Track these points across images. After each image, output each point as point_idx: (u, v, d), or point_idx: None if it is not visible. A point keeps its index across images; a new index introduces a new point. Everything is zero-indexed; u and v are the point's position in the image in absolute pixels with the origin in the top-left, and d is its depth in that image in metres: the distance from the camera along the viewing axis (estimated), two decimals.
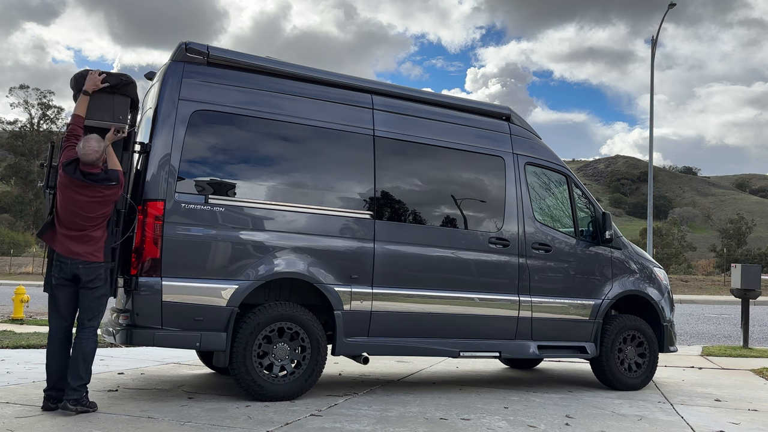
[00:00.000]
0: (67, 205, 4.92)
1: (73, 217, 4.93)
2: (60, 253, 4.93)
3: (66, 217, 4.94)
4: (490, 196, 6.84)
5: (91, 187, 4.92)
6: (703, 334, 14.71)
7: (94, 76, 5.23)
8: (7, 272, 49.88)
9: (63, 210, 4.95)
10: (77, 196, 4.91)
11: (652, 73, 25.65)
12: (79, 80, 5.33)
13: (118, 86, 5.32)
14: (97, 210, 4.97)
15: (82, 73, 5.37)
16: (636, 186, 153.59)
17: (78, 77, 5.37)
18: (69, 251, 4.90)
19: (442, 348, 6.32)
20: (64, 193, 4.93)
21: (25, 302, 13.06)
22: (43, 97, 78.53)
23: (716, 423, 5.49)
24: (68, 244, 4.92)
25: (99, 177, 4.94)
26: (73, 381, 4.84)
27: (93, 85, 5.21)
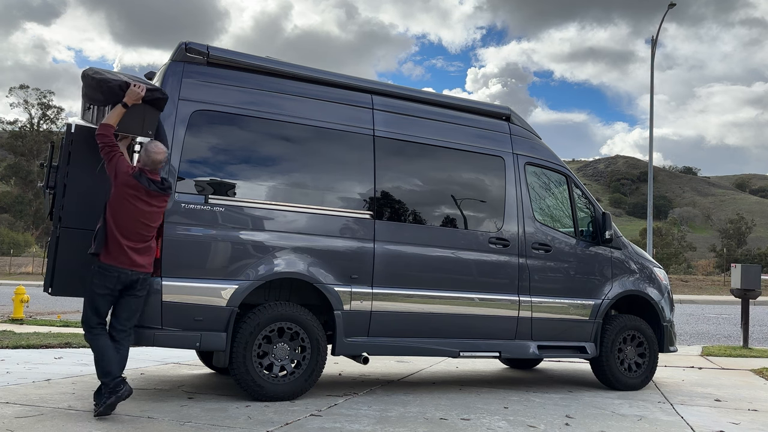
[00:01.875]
0: (134, 216, 4.80)
1: (139, 229, 4.84)
2: (124, 267, 4.79)
3: (131, 228, 4.81)
4: (490, 196, 6.84)
5: (160, 197, 4.93)
6: (703, 334, 14.71)
7: (137, 90, 4.95)
8: (7, 272, 49.87)
9: (128, 221, 4.80)
10: (147, 207, 4.85)
11: (652, 73, 25.66)
12: (103, 86, 5.03)
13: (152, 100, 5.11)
14: (158, 220, 5.00)
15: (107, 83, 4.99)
16: (636, 186, 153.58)
17: (100, 82, 5.05)
18: (135, 264, 4.82)
19: (442, 348, 6.32)
20: (133, 204, 4.79)
21: (25, 302, 13.06)
22: (43, 97, 78.59)
23: (716, 423, 5.48)
24: (134, 256, 4.82)
25: (165, 185, 4.96)
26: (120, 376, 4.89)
27: (135, 99, 4.98)
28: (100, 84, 5.06)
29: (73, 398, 5.42)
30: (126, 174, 4.82)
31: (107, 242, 4.79)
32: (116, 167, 4.82)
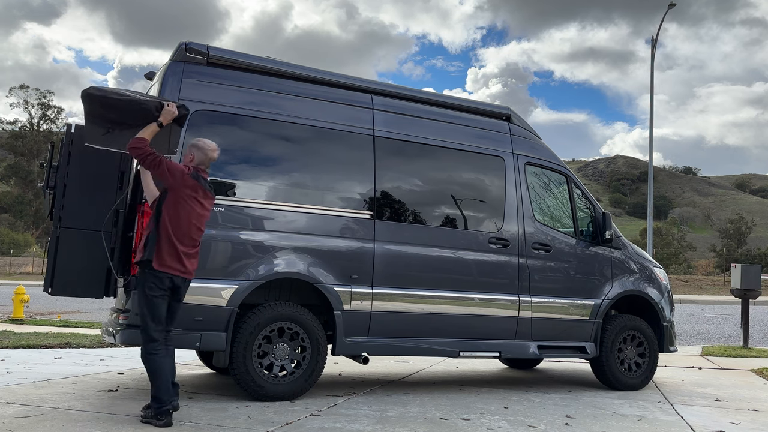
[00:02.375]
0: (190, 219, 4.66)
1: (193, 233, 4.71)
2: (177, 273, 4.63)
3: (187, 233, 4.66)
4: (490, 196, 6.84)
5: (210, 198, 4.85)
6: (703, 334, 14.71)
7: (172, 110, 4.82)
8: (7, 272, 49.88)
9: (185, 225, 4.64)
10: (201, 209, 4.74)
11: (652, 73, 25.67)
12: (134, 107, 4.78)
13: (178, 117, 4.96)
14: (206, 223, 4.91)
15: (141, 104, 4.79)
16: (636, 186, 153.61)
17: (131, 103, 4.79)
18: (186, 271, 4.69)
19: (442, 348, 6.32)
20: (190, 206, 4.66)
21: (25, 302, 13.06)
22: (43, 97, 78.59)
23: (716, 423, 5.48)
24: (186, 262, 4.68)
25: (211, 186, 4.90)
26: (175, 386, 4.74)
27: (170, 119, 4.84)
28: (130, 105, 4.78)
29: (73, 398, 5.42)
30: (184, 174, 4.64)
31: (160, 248, 4.57)
32: (169, 169, 4.59)
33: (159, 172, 4.61)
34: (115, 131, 4.90)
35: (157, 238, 4.59)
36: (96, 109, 4.83)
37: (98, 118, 4.87)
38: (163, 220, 4.60)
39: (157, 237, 4.60)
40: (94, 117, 4.88)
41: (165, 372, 4.59)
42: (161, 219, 4.61)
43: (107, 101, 4.78)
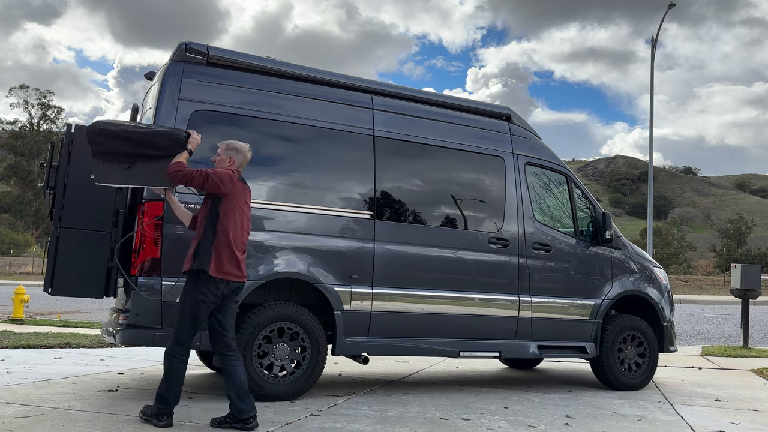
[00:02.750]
0: (244, 223, 4.65)
1: (244, 237, 4.70)
2: (237, 279, 4.58)
3: (242, 237, 4.64)
4: (490, 196, 6.84)
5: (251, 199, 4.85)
6: (703, 334, 14.71)
7: (197, 138, 4.81)
8: (7, 272, 49.88)
9: (242, 230, 4.62)
10: (249, 212, 4.76)
11: (652, 73, 25.67)
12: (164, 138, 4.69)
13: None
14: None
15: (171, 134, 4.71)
16: (636, 186, 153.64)
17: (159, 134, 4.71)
18: (243, 275, 4.66)
19: (442, 348, 6.32)
20: (243, 211, 4.63)
21: (25, 302, 13.06)
22: (43, 97, 78.60)
23: (716, 423, 5.48)
24: (244, 267, 4.67)
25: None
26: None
27: (197, 146, 4.85)
28: (158, 136, 4.66)
29: (73, 398, 5.41)
30: (233, 179, 4.58)
31: (219, 256, 4.48)
32: (220, 179, 4.51)
33: (210, 185, 4.50)
34: (137, 165, 4.68)
35: (213, 245, 4.49)
36: (111, 144, 4.62)
37: (115, 154, 4.65)
38: (222, 227, 4.52)
39: (213, 244, 4.49)
40: (110, 153, 4.65)
41: (181, 376, 4.54)
42: (219, 226, 4.52)
43: (125, 134, 4.62)
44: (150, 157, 4.67)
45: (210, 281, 4.48)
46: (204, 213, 4.63)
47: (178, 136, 4.69)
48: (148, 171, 4.69)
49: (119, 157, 4.66)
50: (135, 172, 4.70)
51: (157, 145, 4.65)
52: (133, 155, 4.66)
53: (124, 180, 4.75)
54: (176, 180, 4.53)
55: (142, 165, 4.69)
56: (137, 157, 4.66)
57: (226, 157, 4.75)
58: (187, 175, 4.50)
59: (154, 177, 4.71)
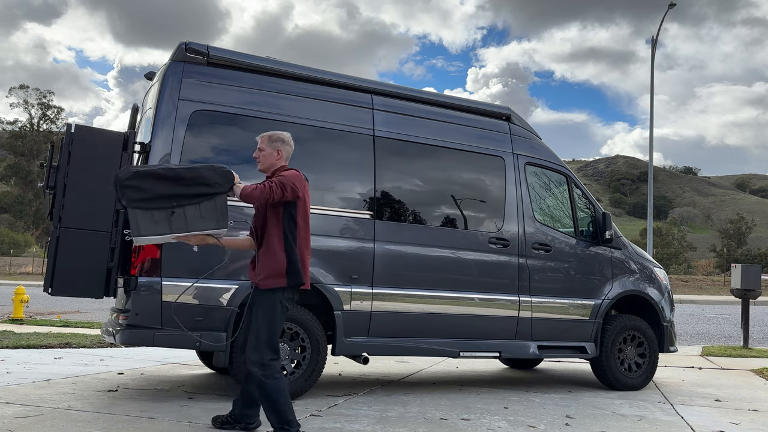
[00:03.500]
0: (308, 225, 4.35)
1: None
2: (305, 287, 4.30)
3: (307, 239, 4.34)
4: (490, 196, 6.84)
5: None
6: (703, 334, 14.71)
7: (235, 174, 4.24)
8: (7, 272, 49.89)
9: (308, 232, 4.33)
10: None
11: (652, 73, 25.67)
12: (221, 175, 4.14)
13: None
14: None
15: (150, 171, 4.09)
16: (636, 186, 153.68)
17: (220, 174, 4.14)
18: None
19: (442, 348, 6.32)
20: (308, 213, 4.32)
21: (25, 302, 13.05)
22: (43, 97, 78.61)
23: (716, 423, 5.48)
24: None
25: None
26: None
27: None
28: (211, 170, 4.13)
29: (73, 398, 5.41)
30: (302, 178, 4.24)
31: (305, 264, 4.23)
32: (293, 183, 4.13)
33: (290, 193, 4.12)
34: (181, 210, 4.07)
35: (300, 256, 4.21)
36: (152, 188, 3.99)
37: (156, 199, 4.02)
38: (301, 234, 4.23)
39: (300, 255, 4.21)
40: (150, 199, 4.02)
41: (287, 392, 4.14)
42: (299, 233, 4.21)
43: (169, 173, 4.09)
44: (196, 197, 4.07)
45: (296, 291, 4.25)
46: (276, 222, 4.19)
47: (225, 170, 4.16)
48: (193, 215, 4.09)
49: (161, 202, 4.03)
50: (179, 218, 4.07)
51: (208, 181, 4.07)
52: (178, 197, 4.04)
53: (169, 229, 4.08)
54: (259, 201, 4.09)
55: (184, 210, 4.07)
56: (182, 199, 4.05)
57: (273, 150, 4.32)
58: (266, 191, 4.05)
59: (203, 221, 4.12)
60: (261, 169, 4.38)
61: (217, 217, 4.13)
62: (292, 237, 4.20)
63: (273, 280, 4.15)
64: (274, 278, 4.15)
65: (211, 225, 4.15)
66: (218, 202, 4.13)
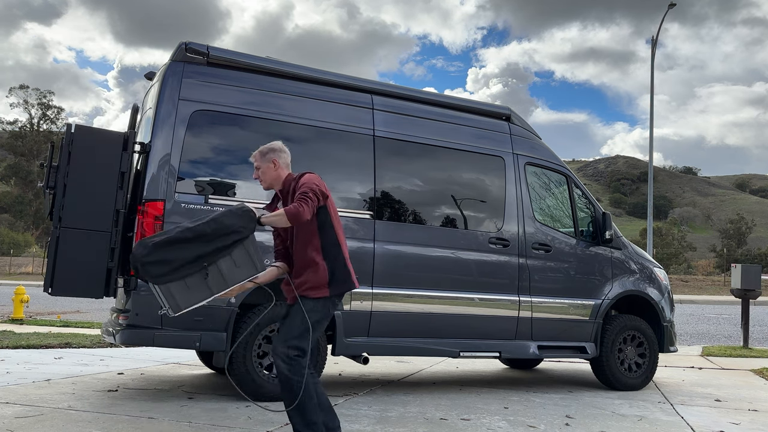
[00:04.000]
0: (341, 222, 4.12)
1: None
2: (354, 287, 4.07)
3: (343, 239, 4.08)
4: (490, 196, 6.84)
5: None
6: (703, 334, 14.71)
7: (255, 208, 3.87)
8: (7, 272, 49.89)
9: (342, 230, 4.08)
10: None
11: (652, 73, 25.66)
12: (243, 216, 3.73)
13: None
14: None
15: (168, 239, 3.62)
16: (636, 186, 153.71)
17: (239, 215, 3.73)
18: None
19: (442, 348, 6.32)
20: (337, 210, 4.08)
21: (25, 302, 13.05)
22: (43, 97, 78.62)
23: (716, 423, 5.48)
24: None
25: None
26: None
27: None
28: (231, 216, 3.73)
29: (73, 398, 5.42)
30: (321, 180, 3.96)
31: (349, 267, 4.00)
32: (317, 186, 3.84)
33: (321, 198, 3.85)
34: (215, 268, 3.72)
35: (345, 259, 3.96)
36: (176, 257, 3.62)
37: (184, 267, 3.65)
38: (338, 236, 3.96)
39: (344, 259, 3.95)
40: (178, 269, 3.65)
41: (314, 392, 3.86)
42: (338, 238, 3.96)
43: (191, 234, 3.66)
44: (225, 249, 3.72)
45: (341, 296, 4.00)
46: (310, 232, 3.90)
47: (244, 209, 3.78)
48: (229, 268, 3.75)
49: (191, 267, 3.67)
50: (215, 276, 3.72)
51: (232, 228, 3.71)
52: (206, 256, 3.68)
53: (209, 292, 3.74)
54: (301, 220, 3.72)
55: (217, 265, 3.72)
56: (211, 256, 3.69)
57: (269, 164, 4.00)
58: (309, 204, 3.74)
59: (241, 270, 3.79)
60: (266, 187, 4.09)
61: (254, 261, 3.81)
62: (331, 244, 3.93)
63: (316, 291, 3.87)
64: (317, 289, 3.87)
65: (250, 271, 3.82)
66: (249, 246, 3.79)
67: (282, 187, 4.05)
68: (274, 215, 3.76)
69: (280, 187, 4.05)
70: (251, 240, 3.80)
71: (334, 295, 3.92)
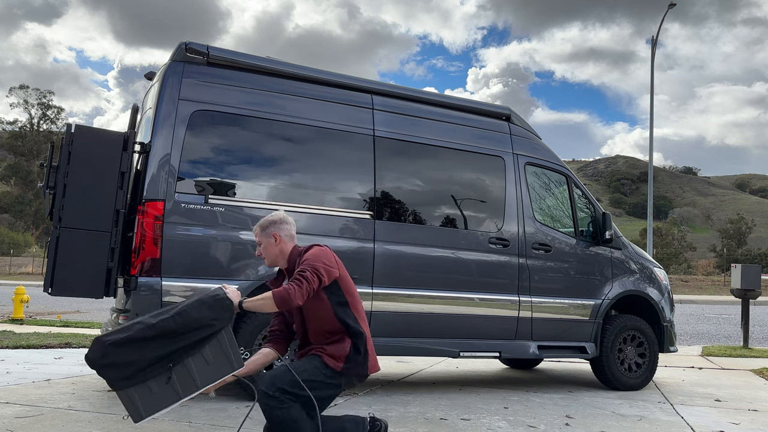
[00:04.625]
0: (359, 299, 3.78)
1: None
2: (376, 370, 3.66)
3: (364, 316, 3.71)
4: (490, 196, 6.84)
5: None
6: (703, 334, 14.71)
7: (234, 288, 3.48)
8: (7, 272, 49.91)
9: (361, 305, 3.74)
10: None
11: (652, 74, 25.67)
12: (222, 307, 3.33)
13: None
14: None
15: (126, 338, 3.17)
16: (636, 186, 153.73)
17: (147, 337, 3.19)
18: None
19: (442, 348, 6.32)
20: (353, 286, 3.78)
21: (25, 302, 13.06)
22: (42, 97, 78.75)
23: (716, 423, 5.48)
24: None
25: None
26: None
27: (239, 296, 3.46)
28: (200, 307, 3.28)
29: (73, 398, 5.42)
30: (332, 253, 3.68)
31: (370, 348, 3.60)
32: (324, 264, 3.51)
33: (326, 277, 3.50)
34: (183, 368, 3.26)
35: (365, 339, 3.56)
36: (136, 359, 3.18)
37: (147, 369, 3.21)
38: (358, 311, 3.62)
39: (364, 339, 3.55)
40: (140, 371, 3.20)
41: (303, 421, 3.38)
42: (357, 313, 3.61)
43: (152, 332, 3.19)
44: (196, 345, 3.26)
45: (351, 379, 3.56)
46: (324, 310, 3.54)
47: (218, 297, 3.33)
48: (199, 367, 3.30)
49: (154, 369, 3.21)
50: (183, 377, 3.27)
51: (203, 322, 3.25)
52: (172, 355, 3.22)
53: (176, 396, 3.30)
54: (296, 302, 3.34)
55: (185, 365, 3.26)
56: (179, 355, 3.23)
57: (269, 239, 3.65)
58: (303, 287, 3.35)
59: (214, 368, 3.33)
60: (269, 264, 3.71)
61: (229, 357, 3.34)
62: (350, 324, 3.53)
63: (330, 359, 3.46)
64: (332, 358, 3.46)
65: (225, 369, 3.35)
66: (224, 339, 3.33)
67: (287, 265, 3.65)
68: (260, 299, 3.35)
69: (285, 265, 3.66)
70: (227, 332, 3.33)
71: (346, 373, 3.47)
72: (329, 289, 3.52)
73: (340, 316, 3.52)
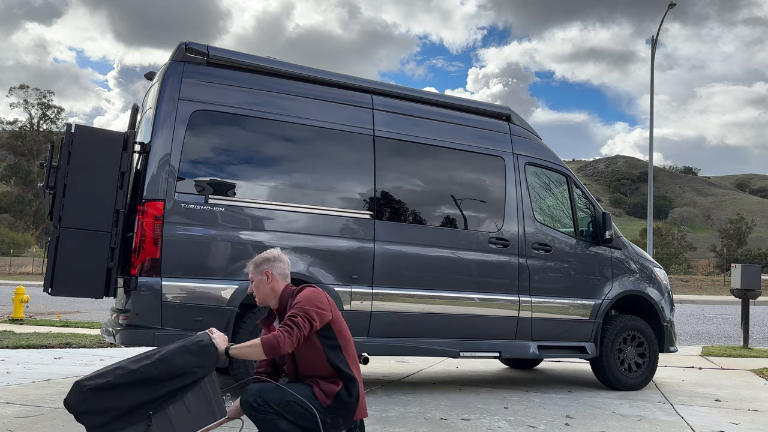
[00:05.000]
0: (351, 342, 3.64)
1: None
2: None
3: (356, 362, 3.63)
4: (490, 196, 6.84)
5: None
6: (703, 334, 14.71)
7: (221, 334, 3.35)
8: (7, 272, 49.92)
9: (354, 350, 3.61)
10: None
11: (652, 73, 25.67)
12: (130, 382, 3.07)
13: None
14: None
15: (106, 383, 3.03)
16: (636, 186, 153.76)
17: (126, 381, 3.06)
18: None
19: (442, 348, 6.32)
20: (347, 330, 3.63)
21: (25, 302, 13.07)
22: (42, 97, 78.72)
23: (716, 423, 5.48)
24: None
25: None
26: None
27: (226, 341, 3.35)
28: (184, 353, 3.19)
29: None
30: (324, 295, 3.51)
31: (360, 394, 3.48)
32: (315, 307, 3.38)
33: (318, 321, 3.38)
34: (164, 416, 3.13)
35: (356, 385, 3.46)
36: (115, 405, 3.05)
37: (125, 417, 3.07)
38: (350, 355, 3.51)
39: (355, 384, 3.45)
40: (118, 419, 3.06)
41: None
42: (348, 358, 3.49)
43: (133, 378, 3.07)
44: (178, 392, 3.16)
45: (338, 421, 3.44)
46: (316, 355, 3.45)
47: (202, 344, 3.23)
48: (180, 416, 3.17)
49: (133, 416, 3.10)
50: (163, 425, 3.12)
51: (185, 369, 3.15)
52: (152, 402, 3.11)
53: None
54: (286, 350, 3.26)
55: (165, 413, 3.14)
56: (159, 403, 3.12)
57: (261, 276, 3.59)
58: (293, 334, 3.26)
59: (195, 417, 3.21)
60: (259, 302, 3.64)
61: (211, 407, 3.24)
62: (344, 367, 3.45)
63: (321, 393, 3.39)
64: (322, 392, 3.40)
65: (207, 418, 3.24)
66: (206, 388, 3.23)
67: (279, 305, 3.58)
68: (247, 346, 3.26)
69: (276, 305, 3.59)
70: (211, 379, 3.25)
71: (333, 412, 3.38)
72: (321, 332, 3.43)
73: (333, 361, 3.44)
